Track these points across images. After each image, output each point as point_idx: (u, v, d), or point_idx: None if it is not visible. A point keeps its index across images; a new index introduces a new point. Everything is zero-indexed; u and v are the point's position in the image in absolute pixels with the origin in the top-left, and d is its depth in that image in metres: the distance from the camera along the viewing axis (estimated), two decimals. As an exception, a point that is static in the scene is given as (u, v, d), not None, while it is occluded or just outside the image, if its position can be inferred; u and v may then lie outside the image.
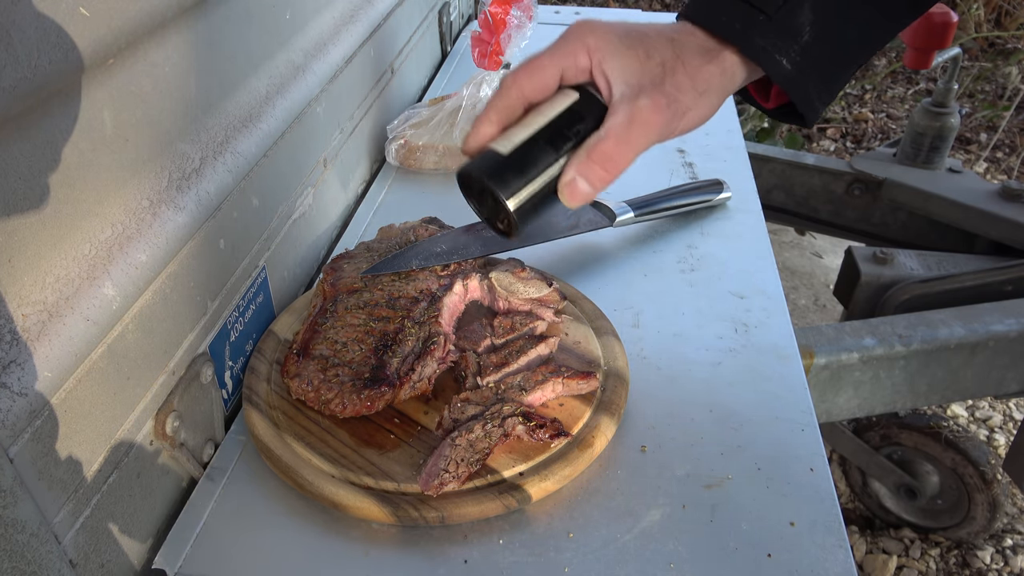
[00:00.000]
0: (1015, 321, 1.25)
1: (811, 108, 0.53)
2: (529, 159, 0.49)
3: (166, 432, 0.58)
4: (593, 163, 0.49)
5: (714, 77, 0.51)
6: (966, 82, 3.19)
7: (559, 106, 0.50)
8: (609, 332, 0.74)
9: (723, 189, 0.97)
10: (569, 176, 0.49)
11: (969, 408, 1.93)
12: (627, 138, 0.49)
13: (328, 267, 0.77)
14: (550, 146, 0.50)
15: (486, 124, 0.52)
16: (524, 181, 0.49)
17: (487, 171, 0.49)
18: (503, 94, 0.51)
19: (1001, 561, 1.59)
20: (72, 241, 0.50)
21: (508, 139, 0.50)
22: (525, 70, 0.51)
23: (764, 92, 0.57)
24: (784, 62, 0.51)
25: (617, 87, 0.50)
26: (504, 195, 0.48)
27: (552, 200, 0.51)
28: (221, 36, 0.66)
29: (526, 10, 1.08)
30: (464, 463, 0.58)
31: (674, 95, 0.50)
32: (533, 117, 0.50)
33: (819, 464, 0.63)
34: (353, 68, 0.95)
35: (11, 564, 0.44)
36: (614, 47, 0.50)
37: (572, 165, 0.49)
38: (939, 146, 1.64)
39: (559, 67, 0.51)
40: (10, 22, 0.41)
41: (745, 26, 0.50)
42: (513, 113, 0.52)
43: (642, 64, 0.50)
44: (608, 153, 0.49)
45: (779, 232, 2.50)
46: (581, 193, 0.50)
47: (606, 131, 0.49)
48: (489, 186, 0.48)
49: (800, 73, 0.51)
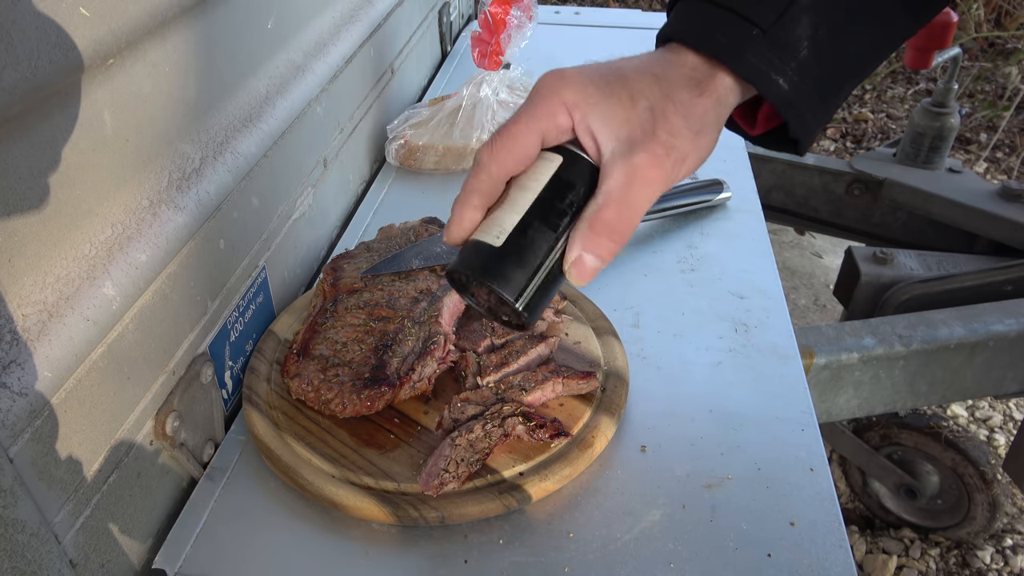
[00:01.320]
0: (1015, 321, 1.25)
1: (807, 132, 0.48)
2: (527, 247, 0.44)
3: (166, 432, 0.58)
4: (598, 235, 0.44)
5: (708, 111, 0.46)
6: (966, 82, 3.19)
7: (543, 175, 0.45)
8: (609, 332, 0.74)
9: (723, 189, 0.97)
10: (575, 254, 0.45)
11: (969, 408, 1.93)
12: (629, 201, 0.44)
13: (328, 267, 0.77)
14: (546, 226, 0.45)
15: (469, 210, 0.46)
16: (528, 274, 0.44)
17: (484, 270, 0.44)
18: (481, 174, 0.46)
19: (1001, 561, 1.59)
20: (72, 241, 0.50)
21: (497, 225, 0.45)
22: (502, 143, 0.45)
23: (749, 117, 0.53)
24: (781, 81, 0.46)
25: (607, 144, 0.45)
26: (511, 295, 0.44)
27: (560, 280, 0.46)
28: (221, 36, 0.66)
29: (526, 10, 1.08)
30: (464, 463, 0.58)
31: (670, 142, 0.45)
32: (517, 194, 0.45)
33: (819, 464, 0.63)
34: (353, 68, 0.95)
35: (11, 564, 0.44)
36: (595, 99, 0.45)
37: (575, 241, 0.44)
38: (939, 146, 1.63)
39: (538, 132, 0.45)
40: (10, 22, 0.41)
41: (737, 43, 0.45)
42: (495, 192, 0.47)
43: (628, 112, 0.45)
44: (611, 221, 0.44)
45: (779, 232, 2.50)
46: (590, 270, 0.45)
47: (605, 197, 0.44)
48: (492, 287, 0.44)
49: (797, 93, 0.46)
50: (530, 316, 0.45)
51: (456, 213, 0.47)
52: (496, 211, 0.45)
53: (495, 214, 0.45)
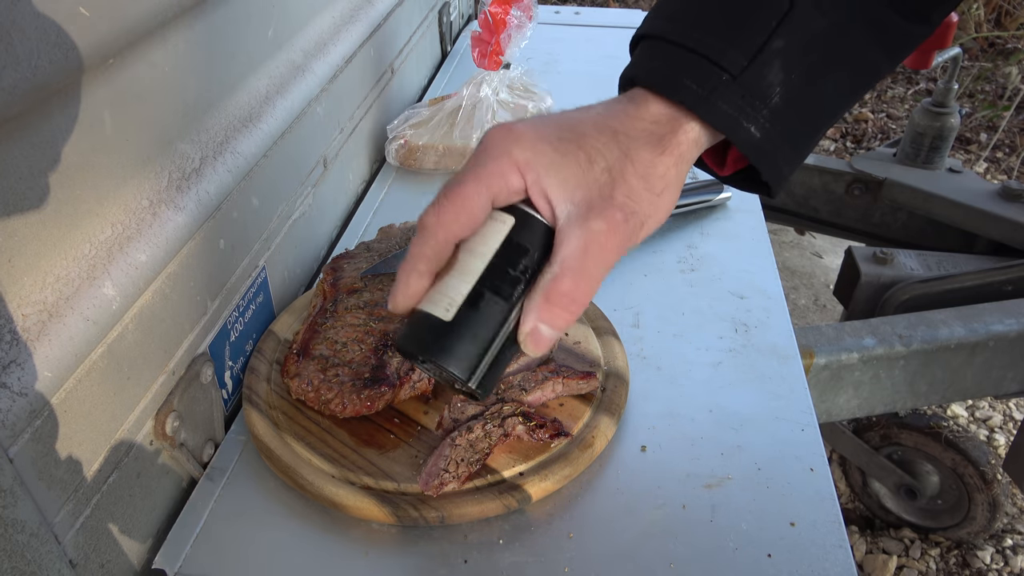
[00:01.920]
0: (1015, 321, 1.25)
1: (778, 177, 0.46)
2: (479, 321, 0.42)
3: (166, 432, 0.58)
4: (553, 306, 0.42)
5: (669, 170, 0.44)
6: (966, 82, 3.19)
7: (494, 240, 0.43)
8: (609, 332, 0.74)
9: (723, 189, 0.97)
10: (529, 325, 0.42)
11: (969, 408, 1.93)
12: (585, 270, 0.42)
13: (328, 267, 0.77)
14: (498, 296, 0.42)
15: (415, 278, 0.44)
16: (480, 349, 0.42)
17: (434, 348, 0.42)
18: (428, 239, 0.43)
19: (1001, 561, 1.59)
20: (72, 241, 0.50)
21: (446, 296, 0.42)
22: (449, 206, 0.43)
23: (719, 157, 0.51)
24: (752, 129, 0.43)
25: (561, 207, 0.42)
26: (463, 374, 0.42)
27: (514, 351, 0.44)
28: (221, 36, 0.66)
29: (526, 10, 1.08)
30: (464, 463, 0.58)
31: (629, 206, 0.42)
32: (467, 259, 0.43)
33: (819, 464, 0.63)
34: (353, 68, 0.95)
35: (11, 564, 0.44)
36: (548, 159, 0.42)
37: (530, 312, 0.42)
38: (939, 146, 1.63)
39: (488, 195, 0.43)
40: (10, 22, 0.41)
41: (706, 89, 0.43)
42: (442, 258, 0.44)
43: (584, 173, 0.42)
44: (567, 292, 0.42)
45: (779, 232, 2.50)
46: (546, 341, 0.43)
47: (560, 266, 0.42)
48: (443, 366, 0.42)
49: (769, 140, 0.44)
50: (483, 391, 0.43)
51: (401, 280, 0.44)
52: (445, 278, 0.43)
53: (443, 281, 0.43)
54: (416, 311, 0.44)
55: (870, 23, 0.45)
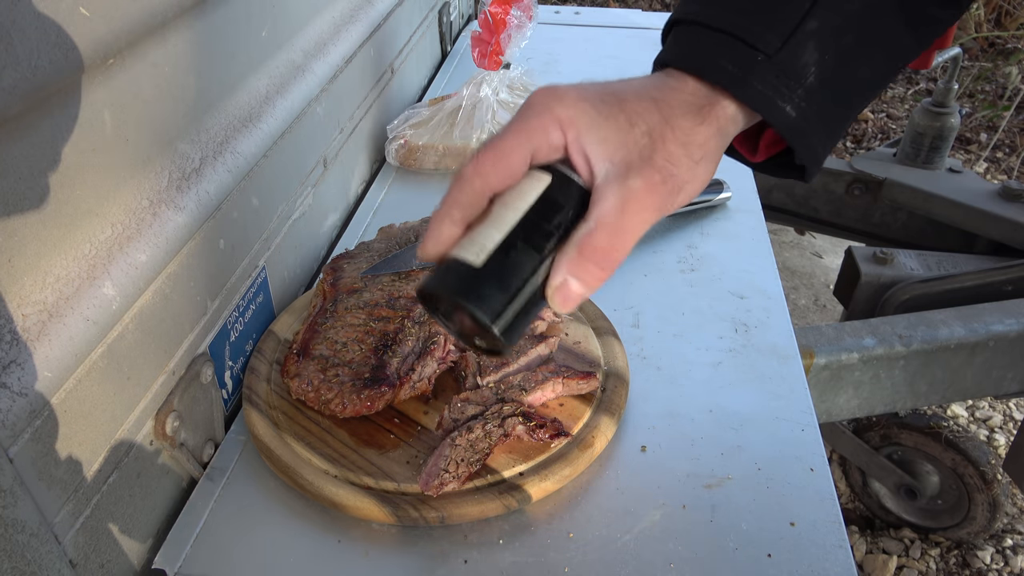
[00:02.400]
0: (1015, 321, 1.25)
1: (814, 159, 0.46)
2: (509, 268, 0.41)
3: (166, 432, 0.58)
4: (586, 260, 0.41)
5: (709, 140, 0.44)
6: (966, 82, 3.19)
7: (530, 195, 0.42)
8: (609, 332, 0.74)
9: (723, 189, 0.97)
10: (559, 279, 0.41)
11: (969, 408, 1.93)
12: (621, 227, 0.41)
13: (328, 267, 0.77)
14: (531, 247, 0.42)
15: (448, 224, 0.43)
16: (508, 297, 0.41)
17: (460, 290, 0.41)
18: (464, 187, 0.43)
19: (1001, 561, 1.59)
20: (72, 241, 0.50)
21: (477, 243, 0.42)
22: (489, 156, 0.43)
23: (751, 144, 0.51)
24: (788, 108, 0.44)
25: (600, 166, 0.42)
26: (488, 319, 0.40)
27: (539, 307, 0.43)
28: (221, 36, 0.66)
29: (526, 10, 1.08)
30: (464, 463, 0.58)
31: (667, 169, 0.42)
32: (502, 211, 0.42)
33: (819, 464, 0.63)
34: (353, 68, 0.95)
35: (11, 564, 0.44)
36: (590, 118, 0.42)
37: (561, 265, 0.42)
38: (939, 146, 1.63)
39: (528, 149, 0.43)
40: (10, 22, 0.41)
41: (742, 70, 0.43)
42: (477, 208, 0.44)
43: (625, 135, 0.42)
44: (602, 247, 0.41)
45: (779, 232, 2.50)
46: (575, 296, 0.42)
47: (596, 221, 0.41)
48: (469, 309, 0.41)
49: (805, 120, 0.44)
50: (507, 340, 0.42)
51: (433, 227, 0.43)
52: (477, 228, 0.43)
53: (476, 231, 0.42)
54: (445, 258, 0.43)
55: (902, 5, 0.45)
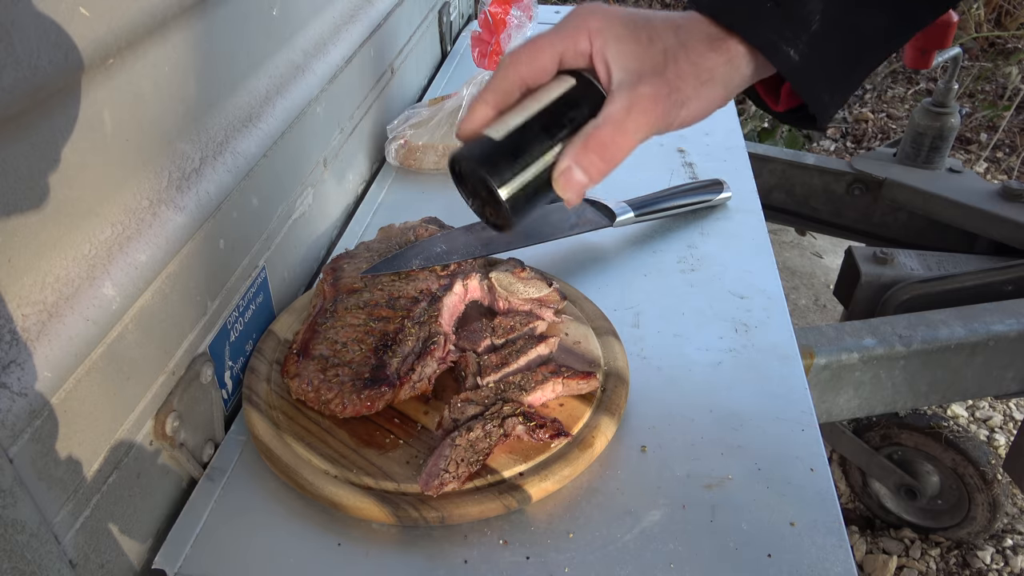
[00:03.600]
0: (1015, 321, 1.25)
1: (821, 105, 0.50)
2: (523, 145, 0.47)
3: (166, 432, 0.58)
4: (589, 151, 0.47)
5: (718, 66, 0.48)
6: (966, 82, 3.19)
7: (555, 92, 0.49)
8: (609, 332, 0.74)
9: (723, 189, 0.97)
10: (564, 164, 0.47)
11: (969, 408, 1.93)
12: (625, 126, 0.47)
13: (328, 267, 0.77)
14: (545, 133, 0.48)
15: (482, 107, 0.50)
16: (517, 169, 0.47)
17: (479, 158, 0.47)
18: (500, 76, 0.50)
19: (1001, 561, 1.59)
20: (72, 241, 0.50)
21: (503, 124, 0.48)
22: (524, 52, 0.49)
23: (774, 93, 0.55)
24: (791, 53, 0.48)
25: (616, 73, 0.48)
26: (496, 183, 0.46)
27: (547, 191, 0.49)
28: (221, 36, 0.66)
29: (526, 10, 1.08)
30: (464, 463, 0.58)
31: (675, 83, 0.47)
32: (529, 102, 0.49)
33: (819, 464, 0.63)
34: (353, 68, 0.95)
35: (11, 564, 0.44)
36: (616, 31, 0.48)
37: (568, 153, 0.47)
38: (939, 146, 1.63)
39: (558, 50, 0.49)
40: (10, 22, 0.41)
41: (751, 14, 0.48)
42: (510, 96, 0.50)
43: (644, 49, 0.48)
44: (605, 141, 0.47)
45: (779, 232, 2.50)
46: (576, 183, 0.47)
47: (603, 118, 0.47)
48: (480, 173, 0.47)
49: (808, 65, 0.48)
50: (512, 211, 0.47)
51: (470, 109, 0.50)
52: (506, 114, 0.49)
53: (504, 115, 0.49)
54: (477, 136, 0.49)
55: None
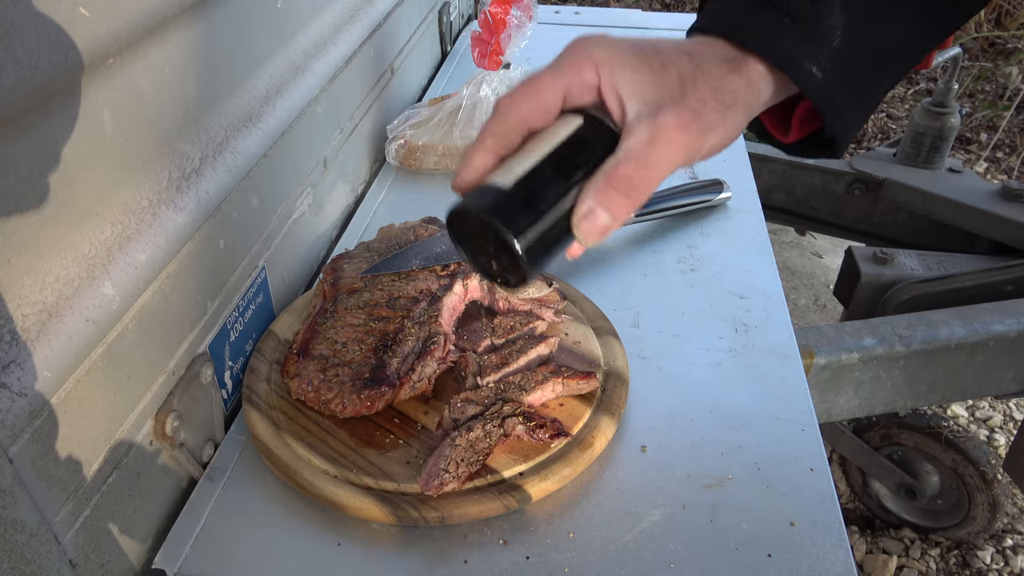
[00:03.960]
0: (1015, 321, 1.25)
1: (843, 127, 0.46)
2: (536, 191, 0.42)
3: (166, 432, 0.58)
4: (613, 189, 0.42)
5: (739, 89, 0.44)
6: (966, 82, 3.19)
7: (563, 132, 0.44)
8: (609, 332, 0.74)
9: (723, 189, 0.97)
10: (585, 207, 0.42)
11: (969, 408, 1.93)
12: (649, 160, 0.42)
13: (328, 267, 0.77)
14: (559, 175, 0.43)
15: (481, 154, 0.45)
16: (533, 216, 0.42)
17: (488, 208, 0.42)
18: (499, 119, 0.45)
19: (1001, 561, 1.59)
20: (72, 241, 0.50)
21: (508, 170, 0.43)
22: (523, 91, 0.44)
23: (782, 125, 0.51)
24: (814, 69, 0.44)
25: (632, 105, 0.43)
26: (510, 234, 0.41)
27: (564, 240, 0.44)
28: (221, 36, 0.66)
29: (526, 10, 1.08)
30: (464, 463, 0.58)
31: (698, 109, 0.43)
32: (533, 145, 0.44)
33: (819, 464, 0.63)
34: (353, 68, 0.95)
35: (11, 564, 0.44)
36: (624, 59, 0.44)
37: (588, 194, 0.42)
38: (939, 146, 1.63)
39: (562, 86, 0.44)
40: (10, 22, 0.41)
41: (768, 31, 0.44)
42: (510, 141, 0.45)
43: (658, 77, 0.43)
44: (630, 178, 0.42)
45: (779, 232, 2.50)
46: (600, 225, 0.42)
47: (625, 154, 0.42)
48: (492, 223, 0.41)
49: (831, 81, 0.44)
50: (529, 263, 0.42)
51: (467, 157, 0.45)
52: (510, 159, 0.44)
53: (508, 161, 0.44)
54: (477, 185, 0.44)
55: None
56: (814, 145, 0.50)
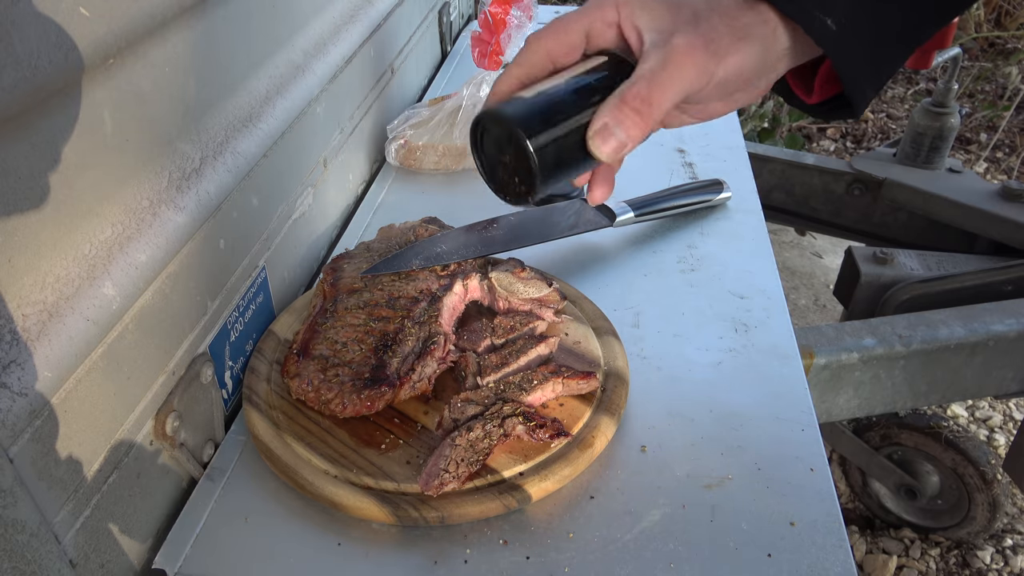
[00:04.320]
0: (1015, 321, 1.25)
1: (857, 86, 0.48)
2: (555, 102, 0.46)
3: (166, 432, 0.58)
4: (627, 106, 0.45)
5: (754, 24, 0.46)
6: (966, 82, 3.19)
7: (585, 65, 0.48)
8: (609, 332, 0.74)
9: (723, 189, 0.97)
10: (600, 122, 0.45)
11: (969, 408, 1.93)
12: (662, 79, 0.45)
13: (328, 267, 0.77)
14: (577, 95, 0.46)
15: (508, 80, 0.48)
16: (549, 123, 0.45)
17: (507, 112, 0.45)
18: (526, 52, 0.49)
19: (1001, 561, 1.59)
20: (72, 241, 0.50)
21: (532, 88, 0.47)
22: (550, 27, 0.49)
23: (806, 85, 0.53)
24: (828, 22, 0.45)
25: (648, 35, 0.46)
26: (524, 134, 0.44)
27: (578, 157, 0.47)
28: (221, 36, 0.66)
29: (526, 10, 1.08)
30: (464, 463, 0.58)
31: (710, 35, 0.45)
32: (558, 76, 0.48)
33: (819, 464, 0.63)
34: (353, 68, 0.95)
35: (11, 564, 0.44)
36: (647, 5, 0.47)
37: (603, 111, 0.46)
38: (939, 146, 1.63)
39: (585, 25, 0.48)
40: (10, 22, 0.41)
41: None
42: (537, 73, 0.49)
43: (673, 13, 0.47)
44: (643, 95, 0.45)
45: (779, 232, 2.50)
46: (614, 141, 0.46)
47: (638, 75, 0.45)
48: (509, 124, 0.44)
49: (845, 34, 0.46)
50: (540, 169, 0.45)
51: (495, 84, 0.49)
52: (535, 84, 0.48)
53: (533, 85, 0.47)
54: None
55: None
56: (836, 107, 0.51)
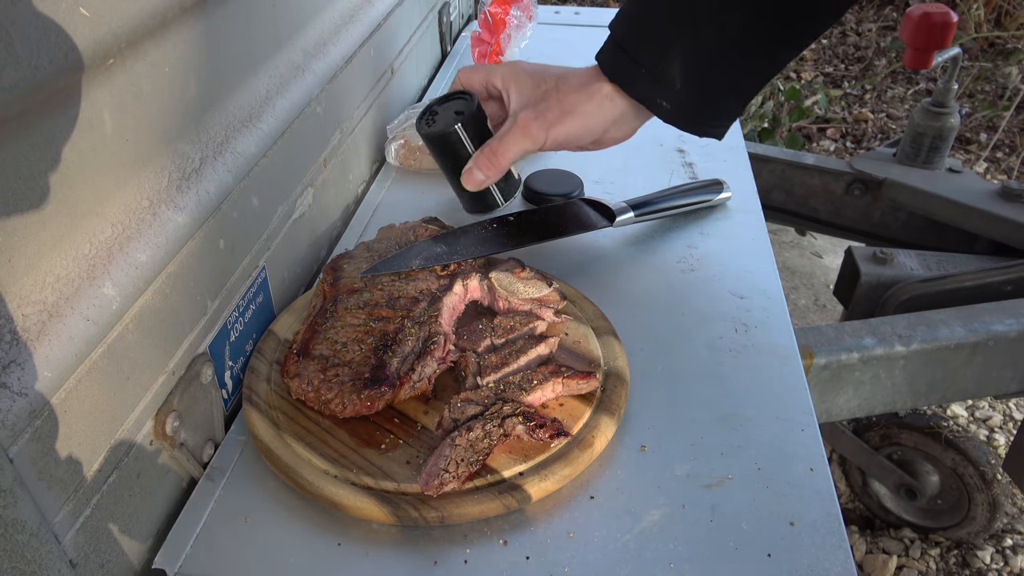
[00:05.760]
0: (1015, 321, 1.25)
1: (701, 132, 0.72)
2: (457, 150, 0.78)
3: (166, 432, 0.58)
4: (482, 155, 0.74)
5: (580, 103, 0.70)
6: (966, 82, 3.19)
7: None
8: (609, 332, 0.74)
9: (723, 189, 0.97)
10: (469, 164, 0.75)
11: (969, 408, 1.93)
12: (507, 141, 0.72)
13: (328, 267, 0.77)
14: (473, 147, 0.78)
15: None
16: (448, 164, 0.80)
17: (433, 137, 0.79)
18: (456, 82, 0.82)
19: (1001, 561, 1.59)
20: (72, 241, 0.50)
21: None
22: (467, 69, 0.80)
23: None
24: (664, 103, 0.68)
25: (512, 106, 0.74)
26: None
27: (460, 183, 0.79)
28: (221, 36, 0.66)
29: (526, 10, 1.08)
30: (464, 463, 0.58)
31: (544, 112, 0.71)
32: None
33: (819, 464, 0.63)
34: (353, 68, 0.95)
35: (11, 564, 0.44)
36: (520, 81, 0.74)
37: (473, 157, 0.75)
38: (939, 146, 1.63)
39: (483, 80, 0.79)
40: (10, 22, 0.41)
41: (631, 76, 0.69)
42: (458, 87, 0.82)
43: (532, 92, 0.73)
44: (494, 150, 0.73)
45: (779, 232, 2.50)
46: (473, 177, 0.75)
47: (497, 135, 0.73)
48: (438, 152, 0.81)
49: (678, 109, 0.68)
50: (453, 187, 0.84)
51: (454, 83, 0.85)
52: None
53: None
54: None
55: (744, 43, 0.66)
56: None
